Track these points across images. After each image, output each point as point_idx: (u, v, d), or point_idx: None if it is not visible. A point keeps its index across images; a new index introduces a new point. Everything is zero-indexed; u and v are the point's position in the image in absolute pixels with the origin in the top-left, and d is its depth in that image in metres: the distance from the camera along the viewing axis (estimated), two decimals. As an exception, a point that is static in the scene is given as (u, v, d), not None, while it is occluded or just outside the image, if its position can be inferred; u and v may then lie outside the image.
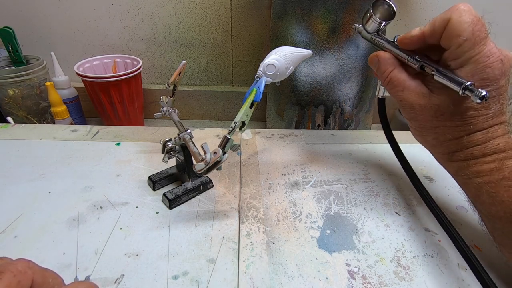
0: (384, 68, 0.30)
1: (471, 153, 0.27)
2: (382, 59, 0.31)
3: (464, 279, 0.28)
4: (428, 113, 0.28)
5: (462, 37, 0.25)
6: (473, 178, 0.27)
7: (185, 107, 1.05)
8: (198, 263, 0.29)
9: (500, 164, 0.26)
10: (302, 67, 0.82)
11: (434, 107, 0.27)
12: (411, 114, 0.29)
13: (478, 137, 0.27)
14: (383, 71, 0.30)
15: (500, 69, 0.25)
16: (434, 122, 0.28)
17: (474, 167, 0.27)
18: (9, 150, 0.42)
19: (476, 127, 0.27)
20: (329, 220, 0.34)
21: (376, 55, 0.31)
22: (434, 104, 0.27)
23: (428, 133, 0.30)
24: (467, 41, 0.25)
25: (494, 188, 0.26)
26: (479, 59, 0.25)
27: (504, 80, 0.26)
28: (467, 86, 0.24)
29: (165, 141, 0.35)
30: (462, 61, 0.26)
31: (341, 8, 0.75)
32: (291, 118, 0.90)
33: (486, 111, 0.26)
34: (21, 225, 0.32)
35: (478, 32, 0.25)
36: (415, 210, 0.36)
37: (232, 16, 0.93)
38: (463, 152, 0.28)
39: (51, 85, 0.82)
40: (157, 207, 0.35)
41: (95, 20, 0.94)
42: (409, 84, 0.29)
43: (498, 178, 0.26)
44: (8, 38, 0.82)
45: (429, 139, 0.30)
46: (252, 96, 0.31)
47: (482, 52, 0.25)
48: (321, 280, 0.28)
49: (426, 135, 0.30)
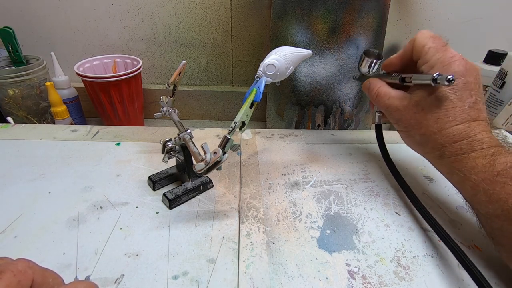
0: (373, 86, 0.37)
1: (460, 147, 0.29)
2: (373, 81, 0.37)
3: (464, 279, 0.28)
4: (411, 111, 0.32)
5: (426, 46, 0.31)
6: (468, 175, 0.28)
7: (185, 107, 1.05)
8: (198, 263, 0.29)
9: (492, 160, 0.27)
10: (302, 67, 0.82)
11: (415, 104, 0.31)
12: (397, 115, 0.33)
13: (461, 130, 0.29)
14: (373, 89, 0.37)
15: (464, 66, 0.30)
16: (417, 117, 0.31)
17: (467, 162, 0.28)
18: (9, 150, 0.42)
19: (456, 118, 0.29)
20: (329, 220, 0.34)
21: (368, 81, 0.39)
22: (415, 101, 0.31)
23: (414, 130, 0.32)
24: (431, 48, 0.31)
25: (490, 185, 0.26)
26: (444, 60, 0.30)
27: (471, 77, 0.29)
28: (435, 76, 0.28)
29: (165, 141, 0.35)
30: (431, 64, 0.31)
31: (341, 8, 0.75)
32: (291, 118, 0.90)
33: (461, 102, 0.29)
34: (21, 225, 0.32)
35: (437, 41, 0.31)
36: (415, 210, 0.36)
37: (232, 16, 0.93)
38: (452, 147, 0.29)
39: (51, 85, 0.82)
40: (157, 207, 0.35)
41: (95, 20, 0.94)
42: (393, 94, 0.34)
43: (493, 175, 0.26)
44: (8, 38, 0.82)
45: (417, 138, 0.32)
46: (252, 96, 0.31)
47: (445, 54, 0.30)
48: (321, 280, 0.28)
49: (413, 134, 0.32)
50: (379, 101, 0.35)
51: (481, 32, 0.88)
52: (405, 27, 0.98)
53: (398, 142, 0.48)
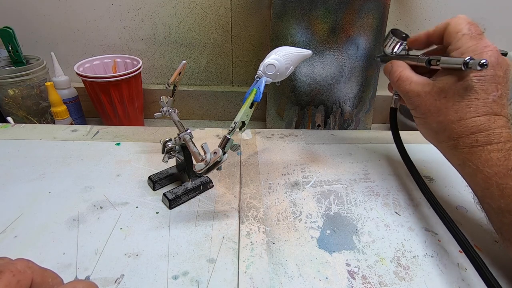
0: (396, 69, 0.35)
1: (476, 139, 0.28)
2: (395, 63, 0.36)
3: (464, 279, 0.28)
4: (432, 97, 0.31)
5: (460, 32, 0.30)
6: (481, 167, 0.27)
7: (185, 107, 1.05)
8: (198, 263, 0.29)
9: (508, 154, 0.27)
10: (302, 67, 0.82)
11: (438, 90, 0.30)
12: (417, 101, 0.32)
13: (481, 122, 0.28)
14: (395, 72, 0.35)
15: (497, 58, 0.28)
16: (438, 104, 0.30)
17: (482, 155, 0.28)
18: (9, 150, 0.42)
19: (478, 110, 0.28)
20: (329, 220, 0.34)
21: (390, 62, 0.36)
22: (438, 87, 0.30)
23: (432, 117, 0.31)
24: (465, 35, 0.29)
25: (503, 179, 0.26)
26: (477, 49, 0.29)
27: (500, 71, 0.28)
28: (467, 60, 0.27)
29: (165, 141, 0.35)
30: (462, 51, 0.29)
31: (341, 8, 0.75)
32: (291, 118, 0.90)
33: (485, 94, 0.28)
34: (21, 225, 0.32)
35: (473, 29, 0.30)
36: (415, 210, 0.36)
37: (232, 16, 0.93)
38: (468, 138, 0.28)
39: (51, 85, 0.82)
40: (157, 207, 0.35)
41: (95, 20, 0.94)
42: (416, 79, 0.33)
43: (507, 169, 0.26)
44: (8, 38, 0.82)
45: (433, 125, 0.31)
46: (252, 96, 0.31)
47: (479, 43, 0.29)
48: (321, 280, 0.28)
49: (430, 121, 0.31)
50: (400, 85, 0.34)
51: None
52: (405, 27, 0.98)
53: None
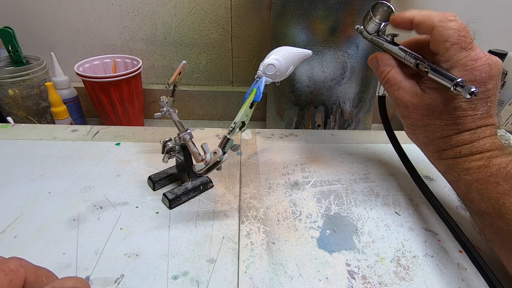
0: (382, 68, 0.32)
1: (459, 151, 0.29)
2: (381, 60, 0.32)
3: (464, 279, 0.28)
4: (419, 112, 0.30)
5: (448, 42, 0.27)
6: (463, 175, 0.28)
7: (185, 107, 1.05)
8: (198, 263, 0.29)
9: (488, 161, 0.27)
10: (302, 67, 0.82)
11: (425, 106, 0.29)
12: (404, 112, 0.31)
13: (466, 137, 0.28)
14: (381, 71, 0.32)
15: (488, 72, 0.27)
16: (425, 120, 0.30)
17: (463, 164, 0.28)
18: (9, 150, 0.42)
19: (464, 127, 0.28)
20: (329, 220, 0.34)
21: (375, 56, 0.33)
22: (426, 104, 0.29)
23: (419, 131, 0.31)
24: (453, 45, 0.27)
25: (483, 184, 0.27)
26: (467, 62, 0.27)
27: (491, 83, 0.27)
28: (458, 82, 0.26)
29: (165, 141, 0.35)
30: (451, 64, 0.27)
31: (341, 8, 0.75)
32: (291, 118, 0.90)
33: (473, 111, 0.28)
34: (21, 225, 0.32)
35: (463, 38, 0.27)
36: (415, 210, 0.36)
37: (232, 16, 0.93)
38: (452, 151, 0.29)
39: (51, 85, 0.82)
40: (157, 207, 0.35)
41: (95, 20, 0.94)
42: (404, 84, 0.30)
43: (486, 175, 0.27)
44: (8, 38, 0.82)
45: (420, 137, 0.32)
46: (252, 96, 0.31)
47: (469, 56, 0.27)
48: (321, 280, 0.28)
49: (417, 133, 0.32)
50: (388, 88, 0.32)
51: (481, 32, 0.88)
52: (405, 27, 0.98)
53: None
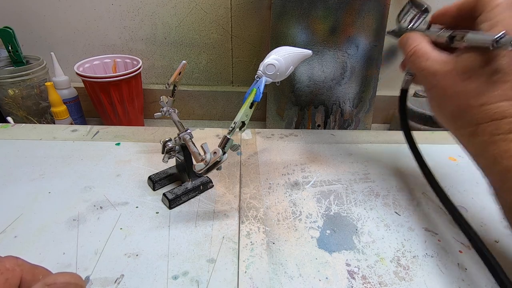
0: (411, 42, 0.31)
1: (498, 126, 0.25)
2: (412, 36, 0.31)
3: (464, 279, 0.28)
4: (451, 78, 0.27)
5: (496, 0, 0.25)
6: (499, 159, 0.25)
7: (185, 107, 1.05)
8: (198, 263, 0.29)
9: None
10: (302, 67, 0.82)
11: (460, 71, 0.26)
12: (433, 81, 0.28)
13: (505, 108, 0.25)
14: (410, 45, 0.31)
15: None
16: (458, 86, 0.27)
17: (502, 145, 0.24)
18: (9, 150, 0.42)
19: (504, 94, 0.25)
20: (329, 220, 0.34)
21: (406, 35, 0.32)
22: (461, 67, 0.26)
23: (450, 101, 0.28)
24: (501, 4, 0.25)
25: None
26: (510, 21, 0.24)
27: None
28: (498, 37, 0.23)
29: (165, 141, 0.35)
30: (493, 22, 0.25)
31: (341, 8, 0.75)
32: (291, 118, 0.90)
33: None
34: (21, 225, 0.32)
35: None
36: (415, 210, 0.36)
37: (232, 16, 0.93)
38: (489, 125, 0.25)
39: (51, 85, 0.82)
40: (157, 207, 0.35)
41: (95, 20, 0.94)
42: (434, 55, 0.29)
43: None
44: (8, 38, 0.82)
45: (449, 109, 0.28)
46: (252, 96, 0.31)
47: None
48: (321, 280, 0.28)
49: (447, 104, 0.28)
50: (414, 62, 0.30)
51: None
52: (405, 27, 0.98)
53: (398, 143, 0.48)
